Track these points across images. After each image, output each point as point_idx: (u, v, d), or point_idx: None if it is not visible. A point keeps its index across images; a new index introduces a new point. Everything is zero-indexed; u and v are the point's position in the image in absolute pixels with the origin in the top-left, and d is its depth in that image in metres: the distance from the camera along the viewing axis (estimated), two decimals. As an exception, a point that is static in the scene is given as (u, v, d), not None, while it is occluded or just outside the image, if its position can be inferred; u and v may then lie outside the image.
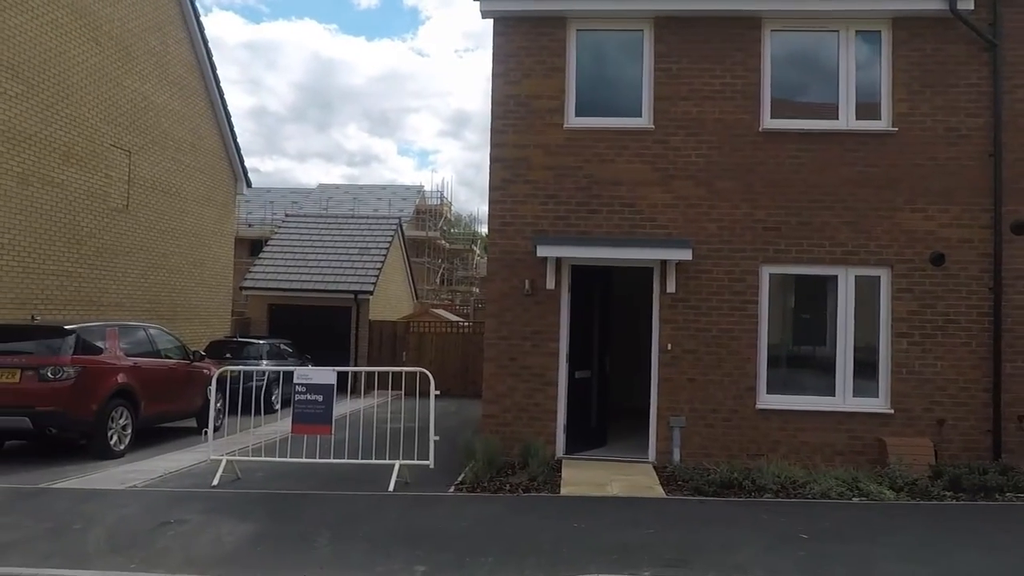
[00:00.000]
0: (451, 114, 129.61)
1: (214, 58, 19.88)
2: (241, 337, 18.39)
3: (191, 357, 13.35)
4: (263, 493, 8.55)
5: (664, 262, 10.14)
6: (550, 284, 10.16)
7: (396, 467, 8.91)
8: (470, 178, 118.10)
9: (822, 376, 10.26)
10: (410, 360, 22.44)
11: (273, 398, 16.89)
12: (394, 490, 8.63)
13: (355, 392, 22.87)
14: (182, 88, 18.70)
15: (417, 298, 31.96)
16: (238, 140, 21.51)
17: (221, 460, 9.09)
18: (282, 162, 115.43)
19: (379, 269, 23.70)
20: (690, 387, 10.16)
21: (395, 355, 22.78)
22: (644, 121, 10.36)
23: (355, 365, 22.64)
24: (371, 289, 22.64)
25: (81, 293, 15.05)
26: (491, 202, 10.44)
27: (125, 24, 16.28)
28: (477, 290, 56.92)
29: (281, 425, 12.33)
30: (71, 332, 10.64)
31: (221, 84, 20.31)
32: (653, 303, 10.36)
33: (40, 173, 13.93)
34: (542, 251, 9.84)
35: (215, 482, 8.81)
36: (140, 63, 16.89)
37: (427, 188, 49.35)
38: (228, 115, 20.85)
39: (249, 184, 22.28)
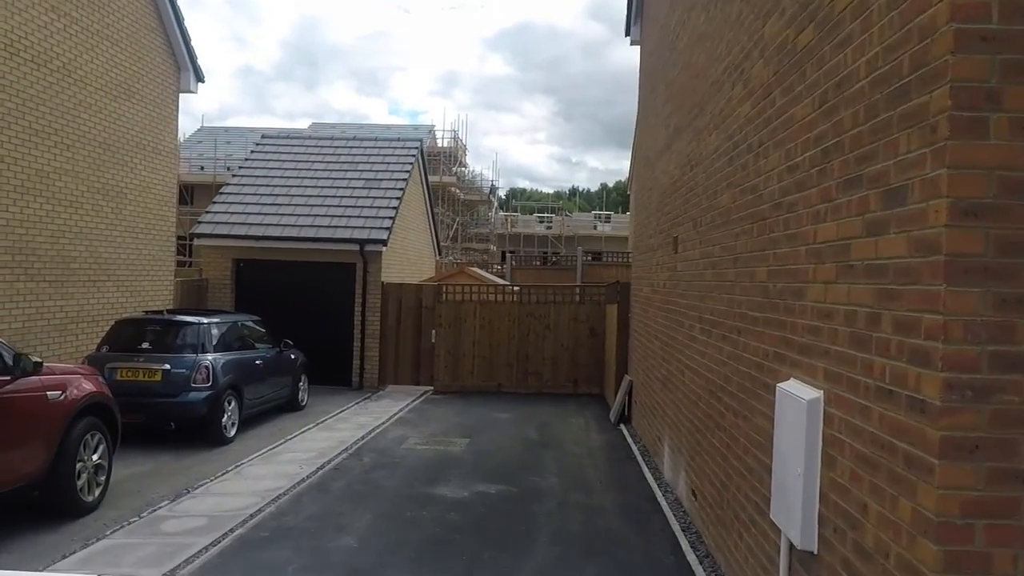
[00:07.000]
0: (441, 74, 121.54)
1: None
2: (172, 312, 10.91)
3: (16, 369, 6.03)
4: None
5: None
6: None
7: None
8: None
9: None
10: (442, 342, 15.13)
11: (225, 420, 9.64)
12: None
13: (358, 387, 15.78)
14: None
15: (440, 254, 24.52)
16: (180, 10, 13.89)
17: None
18: (273, 121, 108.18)
19: (395, 209, 16.24)
20: None
21: (421, 333, 15.44)
22: None
23: (361, 346, 15.33)
24: (384, 237, 15.22)
25: None
26: None
27: None
28: (494, 248, 49.45)
29: (238, 484, 6.80)
30: None
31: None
32: None
33: None
34: None
35: None
36: None
37: (438, 128, 41.56)
38: (163, -37, 13.23)
39: (201, 79, 14.65)
